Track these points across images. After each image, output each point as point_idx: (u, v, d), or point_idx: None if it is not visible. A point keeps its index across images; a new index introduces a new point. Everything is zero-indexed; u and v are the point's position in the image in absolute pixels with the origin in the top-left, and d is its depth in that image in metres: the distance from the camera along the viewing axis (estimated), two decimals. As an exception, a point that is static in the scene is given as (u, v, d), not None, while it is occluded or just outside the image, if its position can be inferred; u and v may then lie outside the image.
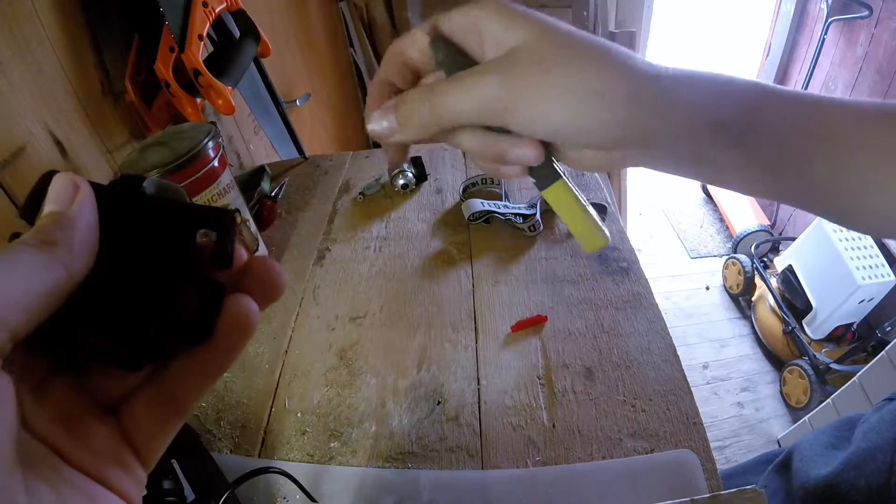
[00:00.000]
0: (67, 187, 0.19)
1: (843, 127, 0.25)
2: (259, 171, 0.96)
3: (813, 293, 1.73)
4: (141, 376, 0.20)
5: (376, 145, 1.73)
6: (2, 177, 0.55)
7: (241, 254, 0.21)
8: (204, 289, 0.20)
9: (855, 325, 1.72)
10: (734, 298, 2.18)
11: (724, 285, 2.22)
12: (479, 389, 0.60)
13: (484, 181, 0.90)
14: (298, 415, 0.60)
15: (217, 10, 0.75)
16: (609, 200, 0.85)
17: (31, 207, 0.19)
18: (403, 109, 0.27)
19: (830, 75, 1.95)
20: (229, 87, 0.73)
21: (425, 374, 0.62)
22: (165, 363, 0.20)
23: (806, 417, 1.51)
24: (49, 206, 0.19)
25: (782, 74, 2.23)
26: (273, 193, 0.94)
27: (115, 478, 0.18)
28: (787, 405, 1.79)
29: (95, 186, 0.20)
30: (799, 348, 1.78)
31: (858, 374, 1.34)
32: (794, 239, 1.86)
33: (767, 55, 2.28)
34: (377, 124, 0.28)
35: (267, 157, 1.16)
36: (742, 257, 2.10)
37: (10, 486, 0.14)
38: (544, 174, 0.29)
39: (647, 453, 0.53)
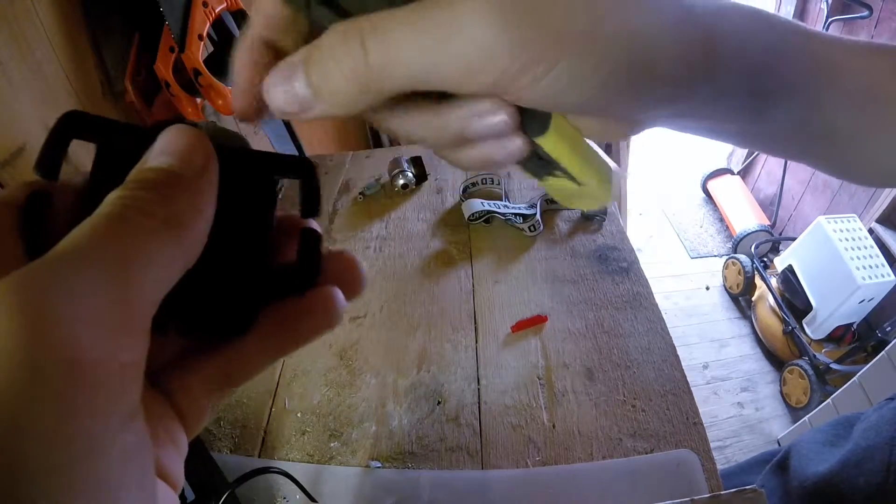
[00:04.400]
0: (187, 142, 0.15)
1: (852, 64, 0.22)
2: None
3: (813, 293, 1.73)
4: (183, 343, 0.18)
5: (377, 144, 1.73)
6: (2, 177, 0.55)
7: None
8: (300, 236, 0.18)
9: (855, 325, 1.72)
10: (734, 298, 2.18)
11: (724, 285, 2.22)
12: (479, 389, 0.60)
13: (484, 181, 0.90)
14: (298, 415, 0.60)
15: (217, 10, 0.75)
16: (609, 200, 0.85)
17: (51, 157, 0.15)
18: (321, 65, 0.16)
19: (830, 75, 1.95)
20: (229, 87, 0.73)
21: (425, 374, 0.62)
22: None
23: (806, 417, 1.51)
24: (163, 160, 0.15)
25: (782, 74, 2.23)
26: (273, 193, 0.94)
27: (167, 458, 0.16)
28: (787, 405, 1.79)
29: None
30: (799, 348, 1.78)
31: (858, 374, 1.34)
32: (794, 239, 1.86)
33: (767, 55, 2.28)
34: (280, 91, 0.17)
35: (267, 157, 1.16)
36: (742, 257, 2.10)
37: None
38: (534, 116, 0.19)
39: (647, 453, 0.53)
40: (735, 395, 1.86)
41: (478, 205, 0.81)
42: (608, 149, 1.96)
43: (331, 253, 0.19)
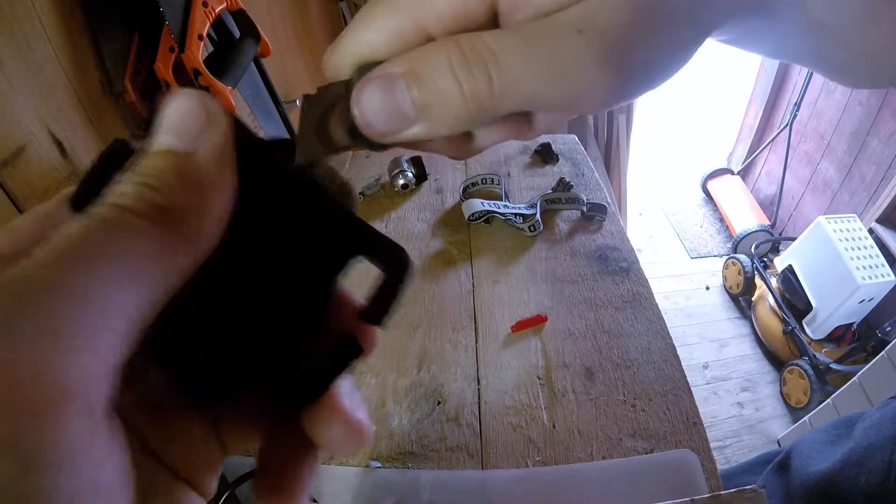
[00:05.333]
0: (197, 115, 0.13)
1: None
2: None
3: (813, 293, 1.73)
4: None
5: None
6: (2, 177, 0.55)
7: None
8: (338, 341, 0.15)
9: (855, 325, 1.72)
10: (734, 298, 2.18)
11: (724, 285, 2.22)
12: (479, 389, 0.60)
13: (484, 181, 0.90)
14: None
15: (217, 10, 0.75)
16: (609, 200, 0.85)
17: (89, 190, 0.13)
18: (433, 82, 0.15)
19: (830, 75, 1.95)
20: (229, 87, 0.73)
21: (425, 374, 0.62)
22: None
23: (806, 417, 1.51)
24: (166, 139, 0.13)
25: (782, 74, 2.23)
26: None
27: (203, 485, 0.16)
28: (787, 405, 1.79)
29: (237, 126, 0.14)
30: (799, 348, 1.78)
31: (858, 374, 1.34)
32: (794, 239, 1.86)
33: (767, 55, 2.28)
34: (378, 105, 0.15)
35: (267, 157, 1.15)
36: (742, 257, 2.10)
37: None
38: None
39: (647, 453, 0.53)
40: (735, 395, 1.86)
41: (478, 205, 0.81)
42: (608, 149, 1.96)
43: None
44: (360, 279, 0.17)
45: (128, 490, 0.12)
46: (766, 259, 2.14)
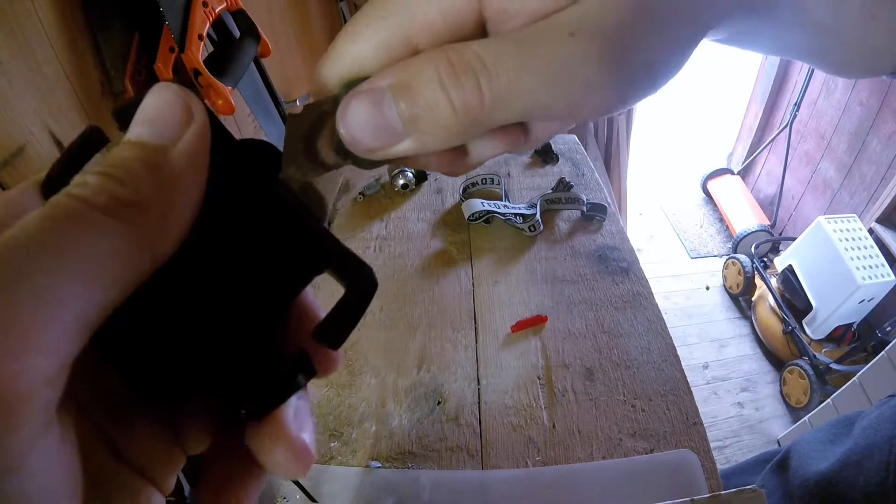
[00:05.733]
0: (175, 108, 0.13)
1: None
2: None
3: (813, 293, 1.73)
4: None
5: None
6: (2, 177, 0.55)
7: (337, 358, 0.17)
8: (291, 358, 0.15)
9: (855, 325, 1.72)
10: (734, 298, 2.18)
11: (724, 285, 2.22)
12: (479, 389, 0.60)
13: (484, 181, 0.90)
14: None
15: (217, 10, 0.75)
16: (609, 200, 0.85)
17: (61, 174, 0.13)
18: (421, 95, 0.14)
19: (830, 75, 1.95)
20: (229, 87, 0.73)
21: (425, 374, 0.62)
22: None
23: (806, 417, 1.51)
24: (139, 130, 0.13)
25: (782, 74, 2.23)
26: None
27: (164, 482, 0.16)
28: (787, 405, 1.79)
29: (214, 124, 0.14)
30: (799, 348, 1.78)
31: (858, 374, 1.34)
32: (794, 239, 1.86)
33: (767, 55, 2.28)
34: (366, 120, 0.15)
35: (267, 157, 1.15)
36: (742, 257, 2.10)
37: None
38: None
39: (647, 453, 0.53)
40: (735, 395, 1.86)
41: (478, 205, 0.81)
42: (608, 149, 1.96)
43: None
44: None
45: (77, 494, 0.12)
46: (766, 259, 2.14)
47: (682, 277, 2.30)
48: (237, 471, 0.16)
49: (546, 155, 0.97)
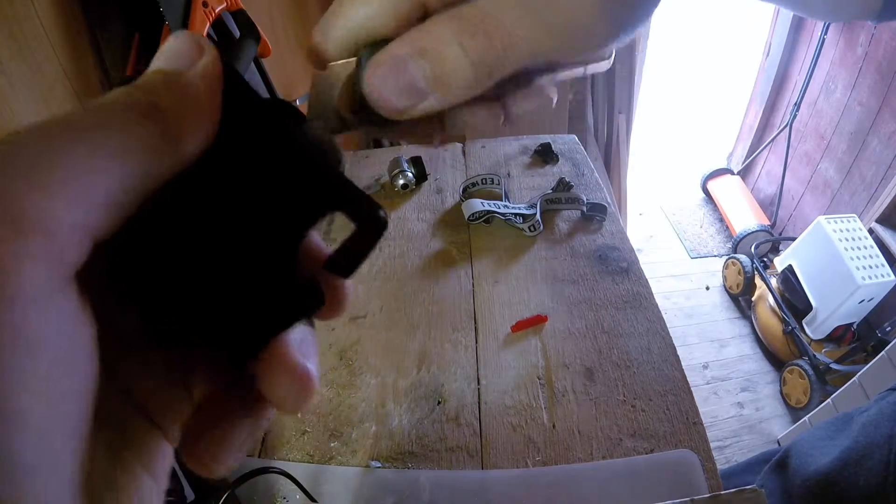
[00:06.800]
0: (189, 46, 0.14)
1: None
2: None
3: (813, 293, 1.73)
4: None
5: (377, 144, 1.72)
6: (2, 177, 0.55)
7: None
8: (301, 283, 0.15)
9: (855, 325, 1.71)
10: (734, 298, 2.18)
11: (724, 285, 2.22)
12: (479, 389, 0.60)
13: (484, 181, 0.90)
14: (298, 415, 0.60)
15: (217, 10, 0.75)
16: (609, 200, 0.85)
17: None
18: (440, 54, 0.16)
19: (830, 75, 1.95)
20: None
21: (425, 374, 0.62)
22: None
23: (806, 417, 1.51)
24: (158, 63, 0.14)
25: (782, 74, 2.23)
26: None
27: (170, 430, 0.16)
28: (787, 405, 1.79)
29: (229, 70, 0.15)
30: (799, 348, 1.77)
31: (858, 374, 1.34)
32: (794, 239, 1.86)
33: (767, 55, 2.28)
34: (392, 84, 0.16)
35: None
36: (742, 257, 2.10)
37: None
38: None
39: (647, 453, 0.53)
40: (735, 395, 1.86)
41: (478, 205, 0.81)
42: (608, 149, 1.96)
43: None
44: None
45: (89, 389, 0.11)
46: (766, 259, 2.14)
47: (682, 277, 2.30)
48: (229, 415, 0.16)
49: (546, 155, 0.97)
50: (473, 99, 0.17)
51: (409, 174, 0.91)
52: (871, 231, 1.73)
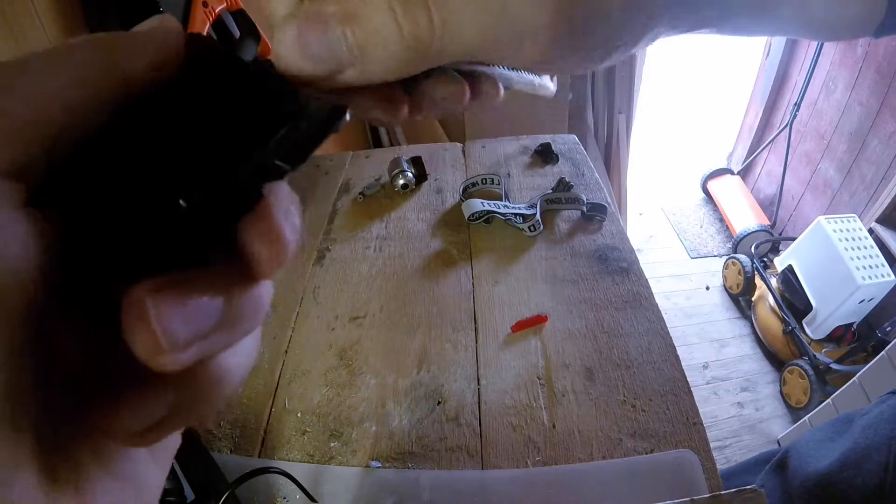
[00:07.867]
0: (152, 21, 0.14)
1: None
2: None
3: (813, 293, 1.73)
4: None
5: (377, 144, 1.72)
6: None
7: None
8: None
9: (855, 325, 1.71)
10: (734, 298, 2.18)
11: (724, 285, 2.22)
12: (479, 389, 0.60)
13: (484, 181, 0.90)
14: (298, 415, 0.60)
15: (217, 10, 0.75)
16: (609, 200, 0.85)
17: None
18: (369, 23, 0.14)
19: (830, 75, 1.95)
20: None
21: (425, 374, 0.62)
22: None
23: (806, 417, 1.51)
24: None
25: (782, 74, 2.23)
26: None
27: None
28: (787, 405, 1.79)
29: (203, 38, 0.14)
30: (799, 348, 1.77)
31: (858, 374, 1.34)
32: (794, 239, 1.86)
33: (767, 55, 2.28)
34: (309, 45, 0.14)
35: (267, 156, 1.15)
36: (742, 257, 2.10)
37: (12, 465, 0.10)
38: None
39: (647, 453, 0.53)
40: (735, 395, 1.86)
41: (478, 205, 0.81)
42: (608, 149, 1.96)
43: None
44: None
45: (29, 268, 0.11)
46: (766, 259, 2.14)
47: (682, 277, 2.30)
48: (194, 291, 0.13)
49: (546, 155, 0.97)
50: (388, 84, 0.16)
51: (409, 174, 0.91)
52: (871, 231, 1.73)
